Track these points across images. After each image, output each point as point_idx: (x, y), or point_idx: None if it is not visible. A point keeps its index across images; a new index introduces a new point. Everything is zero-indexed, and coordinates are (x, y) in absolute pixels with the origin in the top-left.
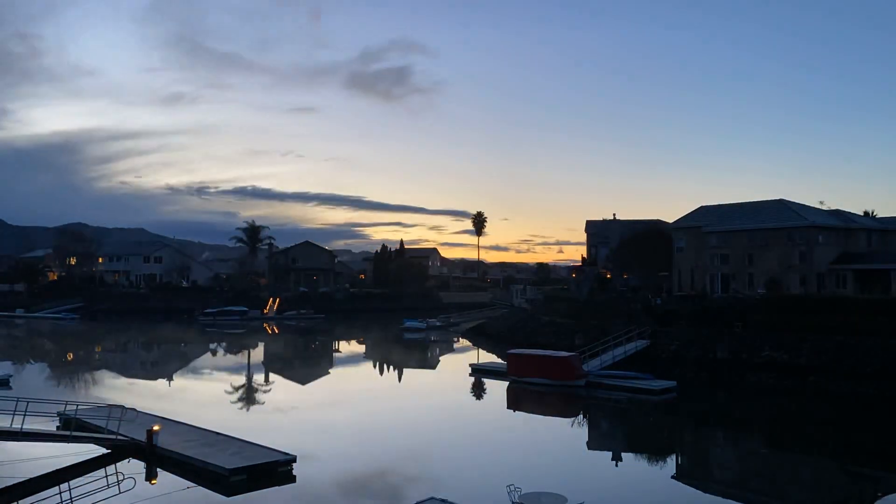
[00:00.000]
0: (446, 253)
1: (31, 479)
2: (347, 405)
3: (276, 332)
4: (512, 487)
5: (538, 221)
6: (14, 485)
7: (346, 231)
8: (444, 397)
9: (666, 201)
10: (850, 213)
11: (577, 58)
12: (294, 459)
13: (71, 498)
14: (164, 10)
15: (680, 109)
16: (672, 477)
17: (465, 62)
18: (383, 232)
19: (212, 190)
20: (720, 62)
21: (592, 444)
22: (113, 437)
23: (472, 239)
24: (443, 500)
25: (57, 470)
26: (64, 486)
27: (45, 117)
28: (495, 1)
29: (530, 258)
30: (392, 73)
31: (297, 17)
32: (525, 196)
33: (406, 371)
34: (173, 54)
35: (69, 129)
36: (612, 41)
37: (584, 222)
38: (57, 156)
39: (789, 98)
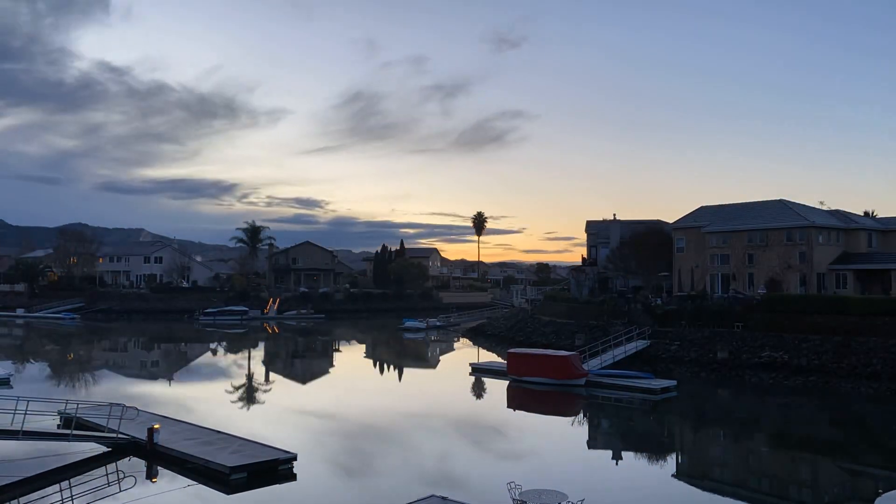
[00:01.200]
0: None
1: (31, 477)
2: (348, 404)
3: (277, 331)
4: (512, 485)
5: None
6: (14, 483)
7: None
8: (444, 396)
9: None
10: (850, 213)
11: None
12: (295, 458)
13: (72, 496)
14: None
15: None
16: (672, 475)
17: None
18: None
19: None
20: (720, 62)
21: (592, 443)
22: (113, 435)
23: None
24: (443, 498)
25: (57, 468)
26: (65, 484)
27: None
28: None
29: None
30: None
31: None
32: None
33: (406, 370)
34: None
35: None
36: (612, 42)
37: (585, 222)
38: None
39: (790, 98)
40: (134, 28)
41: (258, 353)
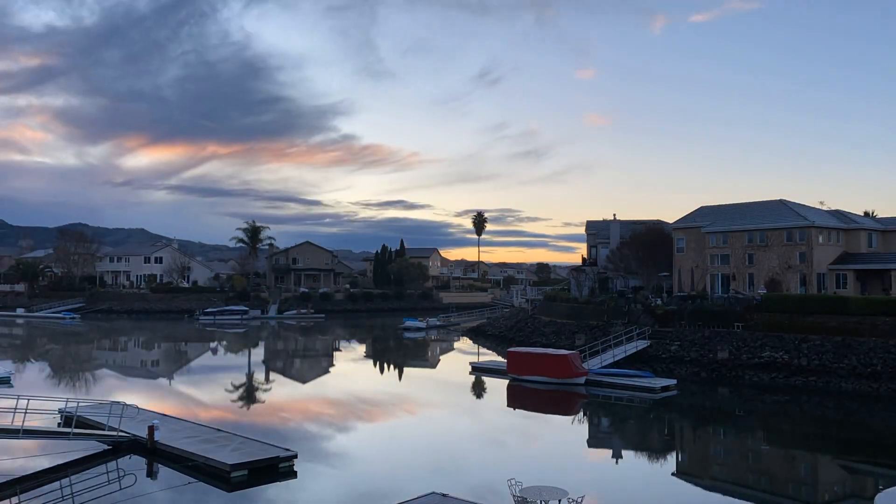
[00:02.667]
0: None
1: (32, 474)
2: (348, 403)
3: (277, 331)
4: (513, 482)
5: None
6: (15, 480)
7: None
8: (444, 395)
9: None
10: (850, 213)
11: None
12: (295, 455)
13: (72, 494)
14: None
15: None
16: (672, 474)
17: None
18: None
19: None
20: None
21: (593, 442)
22: (114, 433)
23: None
24: (443, 495)
25: (58, 466)
26: (65, 482)
27: None
28: None
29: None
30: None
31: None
32: None
33: (406, 370)
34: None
35: None
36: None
37: (586, 222)
38: None
39: (789, 98)
40: None
41: (258, 353)
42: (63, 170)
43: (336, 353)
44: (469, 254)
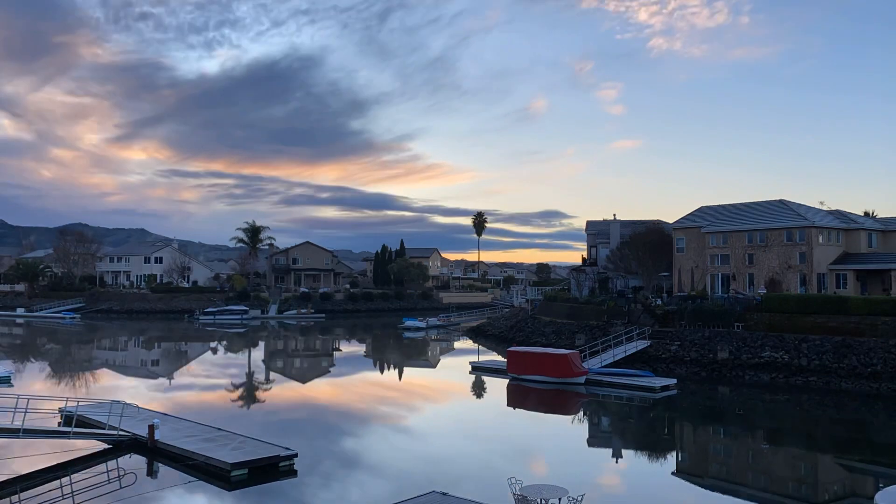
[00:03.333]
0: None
1: (32, 473)
2: (348, 403)
3: (277, 331)
4: (513, 480)
5: None
6: (15, 478)
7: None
8: (444, 395)
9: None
10: (850, 213)
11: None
12: (295, 454)
13: (73, 492)
14: None
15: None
16: (672, 473)
17: None
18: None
19: None
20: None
21: (592, 441)
22: (114, 432)
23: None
24: (444, 494)
25: (59, 465)
26: (66, 481)
27: None
28: None
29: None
30: None
31: None
32: None
33: (406, 369)
34: None
35: None
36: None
37: (586, 222)
38: None
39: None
40: None
41: (258, 353)
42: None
43: (336, 353)
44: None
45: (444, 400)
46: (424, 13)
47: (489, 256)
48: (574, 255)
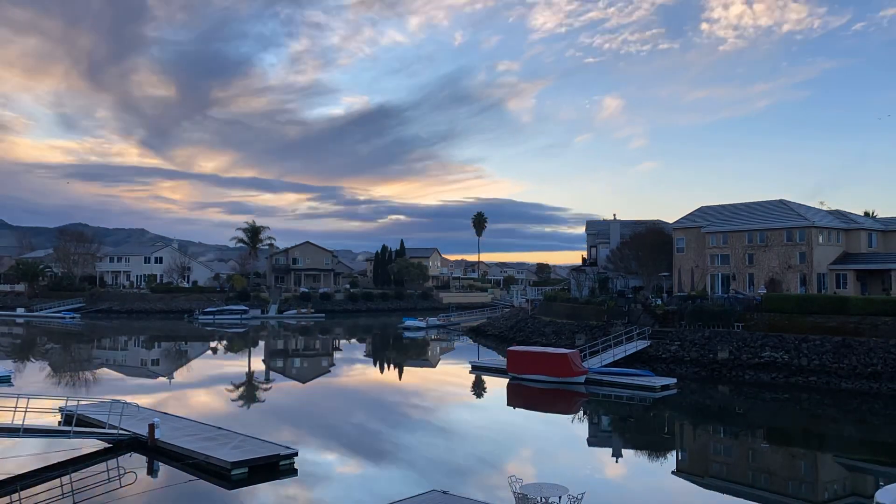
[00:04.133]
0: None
1: (33, 472)
2: (348, 402)
3: (277, 331)
4: (513, 478)
5: None
6: (15, 477)
7: None
8: (444, 394)
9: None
10: (850, 213)
11: None
12: (296, 453)
13: (73, 491)
14: None
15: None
16: (672, 472)
17: None
18: None
19: None
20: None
21: (593, 441)
22: (114, 431)
23: None
24: (444, 492)
25: (59, 464)
26: (66, 479)
27: None
28: None
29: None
30: None
31: None
32: None
33: (406, 369)
34: None
35: None
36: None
37: (586, 222)
38: None
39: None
40: None
41: (258, 352)
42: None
43: (336, 353)
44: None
45: (444, 399)
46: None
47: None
48: (574, 256)
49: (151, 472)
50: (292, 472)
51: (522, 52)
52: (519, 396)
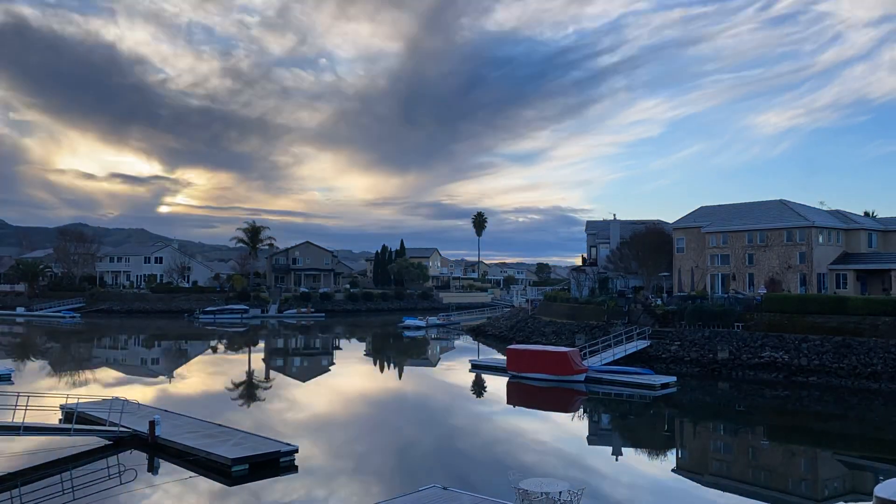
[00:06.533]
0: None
1: (33, 469)
2: (348, 399)
3: (277, 330)
4: (513, 473)
5: None
6: (16, 473)
7: None
8: (444, 392)
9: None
10: (850, 213)
11: None
12: (296, 450)
13: (73, 488)
14: None
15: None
16: (672, 470)
17: None
18: None
19: None
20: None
21: (593, 439)
22: (115, 429)
23: None
24: (444, 488)
25: (59, 462)
26: (66, 476)
27: None
28: None
29: None
30: None
31: None
32: None
33: (406, 368)
34: None
35: None
36: None
37: (586, 222)
38: None
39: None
40: None
41: (258, 351)
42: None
43: (336, 352)
44: None
45: (444, 397)
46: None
47: None
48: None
49: (152, 468)
50: (293, 468)
51: None
52: (519, 395)
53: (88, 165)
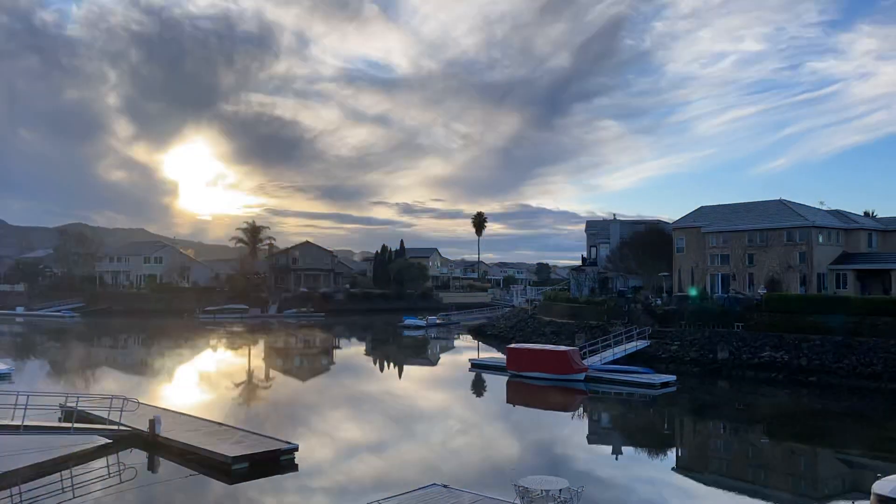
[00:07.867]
0: None
1: (32, 466)
2: (348, 398)
3: (277, 330)
4: (512, 468)
5: None
6: (15, 470)
7: None
8: (444, 391)
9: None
10: (850, 213)
11: None
12: (296, 448)
13: (73, 486)
14: None
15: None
16: (672, 468)
17: None
18: None
19: None
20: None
21: (593, 438)
22: (115, 427)
23: None
24: (444, 486)
25: (59, 460)
26: (66, 475)
27: None
28: None
29: None
30: None
31: None
32: None
33: (406, 367)
34: None
35: None
36: None
37: (586, 222)
38: None
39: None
40: None
41: (258, 351)
42: None
43: (336, 351)
44: None
45: (444, 396)
46: None
47: None
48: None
49: (152, 467)
50: (293, 466)
51: None
52: (519, 393)
53: None
